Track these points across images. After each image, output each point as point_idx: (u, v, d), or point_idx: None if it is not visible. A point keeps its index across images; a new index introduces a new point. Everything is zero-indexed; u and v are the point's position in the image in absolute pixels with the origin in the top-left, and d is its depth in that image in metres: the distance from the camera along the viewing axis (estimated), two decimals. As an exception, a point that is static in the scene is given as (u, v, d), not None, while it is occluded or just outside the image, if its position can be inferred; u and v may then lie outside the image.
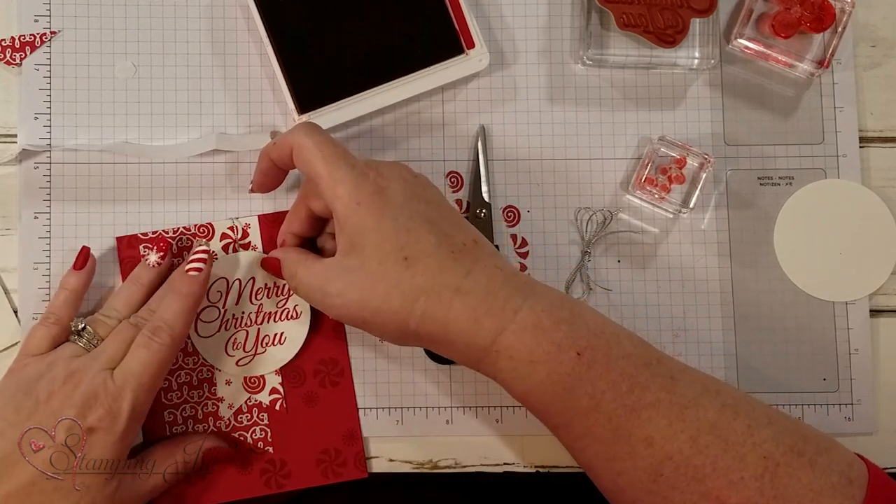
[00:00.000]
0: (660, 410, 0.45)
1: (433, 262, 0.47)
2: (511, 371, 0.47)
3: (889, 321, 0.59)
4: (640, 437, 0.45)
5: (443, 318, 0.47)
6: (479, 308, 0.47)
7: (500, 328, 0.46)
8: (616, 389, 0.46)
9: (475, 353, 0.47)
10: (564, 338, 0.46)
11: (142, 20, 0.59)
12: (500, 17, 0.60)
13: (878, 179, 0.60)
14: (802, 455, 0.45)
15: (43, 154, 0.58)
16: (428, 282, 0.47)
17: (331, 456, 0.56)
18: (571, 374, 0.46)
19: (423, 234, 0.48)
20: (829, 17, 0.58)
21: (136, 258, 0.57)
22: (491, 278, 0.48)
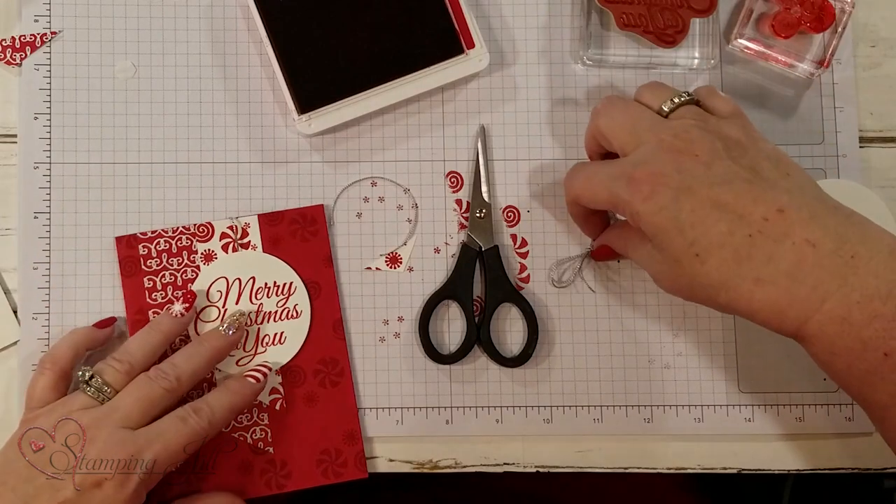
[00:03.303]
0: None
1: (727, 254, 0.45)
2: (814, 355, 0.46)
3: (889, 321, 0.59)
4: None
5: (746, 308, 0.46)
6: (782, 299, 0.45)
7: (805, 318, 0.44)
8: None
9: (783, 334, 0.46)
10: (874, 336, 0.43)
11: (142, 20, 0.59)
12: (500, 17, 0.60)
13: (878, 179, 0.60)
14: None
15: (42, 153, 0.58)
16: (723, 275, 0.45)
17: (331, 456, 0.56)
18: (874, 373, 0.44)
19: (711, 223, 0.45)
20: (829, 17, 0.58)
21: (136, 258, 0.57)
22: (798, 261, 0.44)
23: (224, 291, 0.57)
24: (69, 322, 0.57)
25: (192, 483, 0.55)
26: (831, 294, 0.44)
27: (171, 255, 0.57)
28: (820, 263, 0.44)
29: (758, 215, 0.45)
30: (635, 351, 0.58)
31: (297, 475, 0.56)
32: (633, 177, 0.47)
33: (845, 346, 0.44)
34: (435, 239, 0.59)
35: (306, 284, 0.57)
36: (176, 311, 0.55)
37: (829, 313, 0.44)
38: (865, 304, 0.43)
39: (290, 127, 0.59)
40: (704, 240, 0.46)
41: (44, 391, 0.52)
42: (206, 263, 0.57)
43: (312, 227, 0.58)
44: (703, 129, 0.48)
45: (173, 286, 0.57)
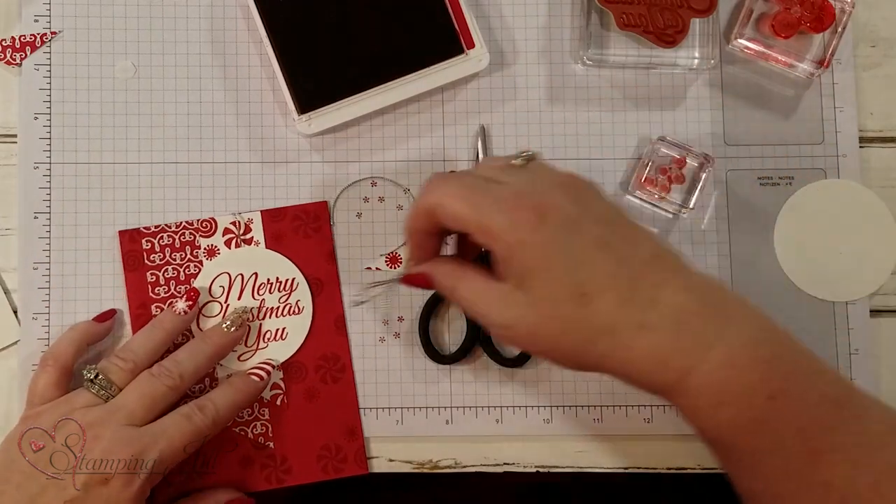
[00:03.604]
0: (844, 454, 0.42)
1: (612, 297, 0.42)
2: (693, 409, 0.43)
3: (889, 321, 0.59)
4: (817, 482, 0.42)
5: (624, 358, 0.42)
6: (666, 346, 0.42)
7: (689, 368, 0.42)
8: (803, 434, 0.42)
9: (657, 389, 0.43)
10: (759, 380, 0.42)
11: (142, 20, 0.59)
12: (500, 17, 0.60)
13: (878, 179, 0.60)
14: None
15: (42, 153, 0.58)
16: (607, 320, 0.42)
17: (331, 451, 0.56)
18: (759, 419, 0.42)
19: (599, 263, 0.42)
20: (829, 17, 0.58)
21: (139, 252, 0.57)
22: (679, 307, 0.42)
23: (226, 287, 0.57)
24: (69, 322, 0.57)
25: (193, 481, 0.55)
26: (714, 343, 0.42)
27: (175, 250, 0.57)
28: (700, 312, 0.42)
29: (638, 259, 0.43)
30: (635, 351, 0.58)
31: (297, 470, 0.56)
32: (520, 203, 0.43)
33: (733, 394, 0.42)
34: (435, 239, 0.59)
35: (308, 280, 0.57)
36: (179, 309, 0.55)
37: (715, 361, 0.41)
38: (747, 348, 0.42)
39: (290, 127, 0.59)
40: (591, 281, 0.42)
41: (46, 388, 0.52)
42: (208, 259, 0.57)
43: (315, 223, 0.58)
44: (563, 174, 0.46)
45: (176, 281, 0.57)
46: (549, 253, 0.42)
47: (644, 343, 0.42)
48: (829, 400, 0.43)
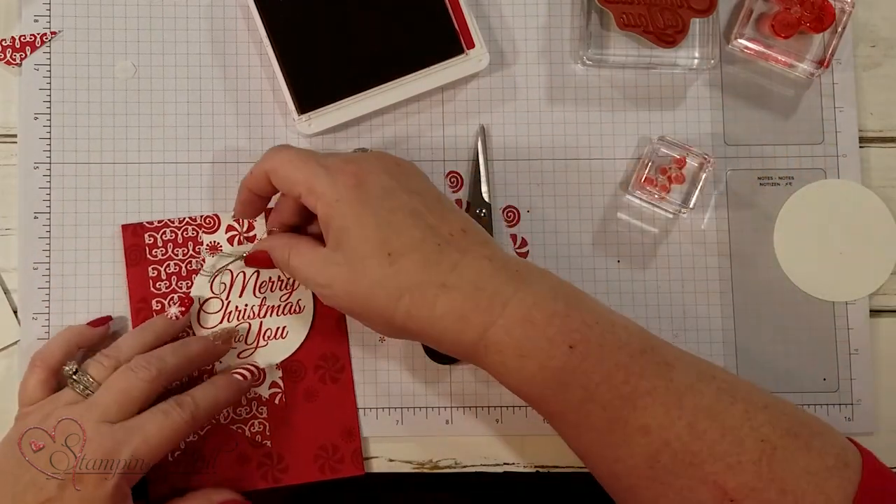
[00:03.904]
0: (656, 398, 0.45)
1: (418, 258, 0.46)
2: (501, 365, 0.46)
3: (889, 321, 0.59)
4: (636, 426, 0.45)
5: (428, 315, 0.46)
6: (466, 304, 0.45)
7: (488, 324, 0.45)
8: (611, 380, 0.45)
9: (463, 349, 0.47)
10: (557, 332, 0.45)
11: (142, 20, 0.59)
12: (500, 17, 0.60)
13: (878, 179, 0.60)
14: (798, 437, 0.45)
15: (42, 153, 0.58)
16: (412, 279, 0.46)
17: (328, 452, 0.56)
18: (564, 369, 0.45)
19: (407, 227, 0.47)
20: (829, 17, 0.58)
21: (141, 246, 0.57)
22: (479, 271, 0.46)
23: (228, 284, 0.57)
24: (69, 322, 0.57)
25: (191, 479, 0.55)
26: (509, 300, 0.45)
27: (177, 246, 0.57)
28: (497, 273, 0.46)
29: (445, 230, 0.48)
30: (635, 351, 0.58)
31: (293, 469, 0.56)
32: (342, 169, 0.48)
33: (534, 347, 0.45)
34: (435, 239, 0.59)
35: None
36: (172, 314, 0.55)
37: (511, 317, 0.45)
38: (541, 305, 0.46)
39: (290, 127, 0.59)
40: (398, 241, 0.46)
41: (34, 389, 0.52)
42: (211, 255, 0.57)
43: None
44: (388, 157, 0.51)
45: (177, 276, 0.57)
46: (362, 212, 0.46)
47: (445, 301, 0.45)
48: (631, 347, 0.46)
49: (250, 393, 0.57)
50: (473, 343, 0.46)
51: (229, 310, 0.57)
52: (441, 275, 0.46)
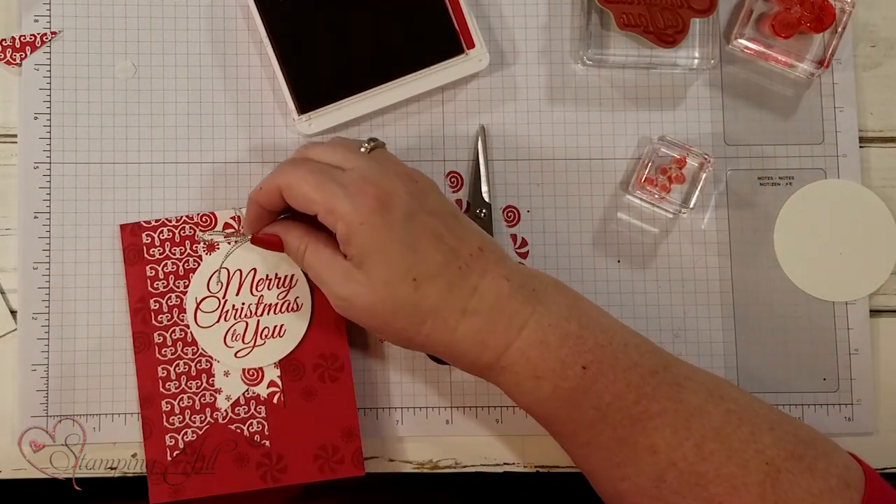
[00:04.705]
0: (665, 419, 0.45)
1: (441, 283, 0.46)
2: (515, 385, 0.47)
3: (889, 321, 0.59)
4: (644, 446, 0.45)
5: (448, 339, 0.46)
6: (485, 328, 0.46)
7: (505, 346, 0.46)
8: (622, 401, 0.46)
9: (478, 369, 0.47)
10: (570, 353, 0.46)
11: (142, 20, 0.59)
12: (500, 17, 0.60)
13: (878, 179, 0.60)
14: (802, 460, 0.45)
15: (42, 153, 0.58)
16: (435, 304, 0.46)
17: (328, 452, 0.56)
18: (577, 389, 0.46)
19: (431, 251, 0.46)
20: (829, 17, 0.58)
21: (139, 246, 0.57)
22: (498, 293, 0.47)
23: (225, 282, 0.57)
24: (69, 322, 0.57)
25: (192, 480, 0.55)
26: (526, 322, 0.46)
27: (174, 245, 0.57)
28: (514, 294, 0.47)
29: (465, 251, 0.47)
30: (635, 351, 0.58)
31: (293, 469, 0.56)
32: (364, 189, 0.46)
33: (548, 368, 0.46)
34: (435, 239, 0.59)
35: (308, 277, 0.57)
36: None
37: (527, 339, 0.46)
38: (556, 326, 0.46)
39: (290, 127, 0.59)
40: (422, 266, 0.46)
41: None
42: (208, 253, 0.57)
43: None
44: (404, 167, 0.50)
45: (175, 275, 0.57)
46: (387, 239, 0.46)
47: (466, 326, 0.46)
48: (643, 368, 0.46)
49: (249, 392, 0.57)
50: (489, 364, 0.47)
51: (226, 308, 0.57)
52: (462, 300, 0.46)
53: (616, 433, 0.46)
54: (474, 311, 0.46)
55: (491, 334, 0.46)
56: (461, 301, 0.46)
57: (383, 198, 0.46)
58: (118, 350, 0.57)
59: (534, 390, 0.46)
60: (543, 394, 0.46)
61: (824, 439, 0.48)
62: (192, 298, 0.56)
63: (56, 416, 0.56)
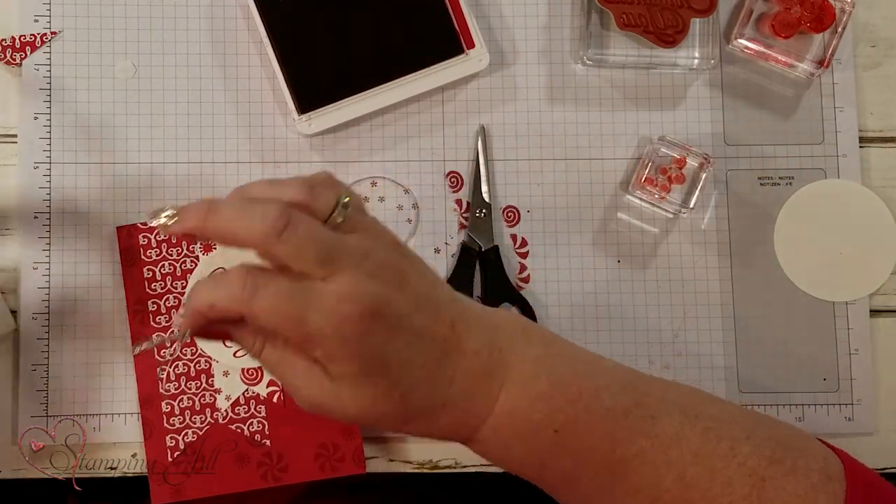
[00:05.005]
0: (644, 458, 0.44)
1: (425, 387, 0.43)
2: (487, 454, 0.46)
3: (889, 321, 0.59)
4: (624, 490, 0.45)
5: (429, 431, 0.45)
6: (462, 415, 0.44)
7: (479, 425, 0.44)
8: (597, 453, 0.44)
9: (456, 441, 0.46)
10: (541, 417, 0.44)
11: (142, 20, 0.59)
12: (500, 17, 0.60)
13: (878, 179, 0.60)
14: (783, 462, 0.45)
15: (42, 153, 0.58)
16: (420, 408, 0.43)
17: (329, 450, 0.56)
18: (550, 452, 0.45)
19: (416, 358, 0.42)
20: (829, 17, 0.58)
21: (136, 248, 0.57)
22: (472, 376, 0.44)
23: None
24: (69, 322, 0.57)
25: (192, 480, 0.55)
26: (497, 395, 0.44)
27: (171, 246, 0.57)
28: (485, 374, 0.44)
29: (440, 334, 0.43)
30: (635, 351, 0.58)
31: (293, 468, 0.56)
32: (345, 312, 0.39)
33: (519, 436, 0.44)
34: (435, 239, 0.59)
35: None
36: None
37: (499, 413, 0.44)
38: (525, 391, 0.44)
39: (290, 127, 0.59)
40: (409, 378, 0.42)
41: None
42: (204, 254, 0.57)
43: None
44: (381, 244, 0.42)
45: (172, 276, 0.57)
46: (373, 360, 0.41)
47: (445, 419, 0.44)
48: (616, 411, 0.45)
49: (248, 392, 0.57)
50: (466, 439, 0.46)
51: None
52: (442, 393, 0.44)
53: (594, 482, 0.45)
54: (453, 403, 0.44)
55: (468, 418, 0.44)
56: (441, 396, 0.43)
57: (366, 317, 0.40)
58: (118, 350, 0.57)
59: (506, 457, 0.46)
60: (516, 460, 0.46)
61: (798, 433, 0.48)
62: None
63: (56, 416, 0.56)
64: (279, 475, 0.56)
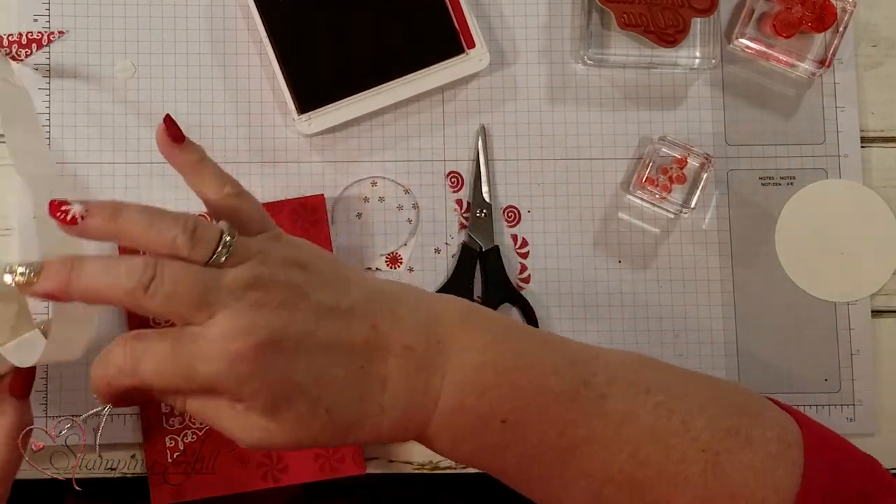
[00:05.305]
0: (594, 439, 0.44)
1: (352, 397, 0.41)
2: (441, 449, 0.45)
3: (890, 322, 0.59)
4: (576, 472, 0.44)
5: (375, 437, 0.43)
6: (405, 415, 0.43)
7: (425, 422, 0.43)
8: (547, 440, 0.44)
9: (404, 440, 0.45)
10: (488, 409, 0.43)
11: (142, 20, 0.59)
12: (501, 17, 0.60)
13: (880, 179, 0.60)
14: (738, 434, 0.44)
15: (43, 154, 0.58)
16: (353, 418, 0.41)
17: (328, 451, 0.56)
18: (500, 443, 0.44)
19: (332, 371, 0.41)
20: (831, 16, 0.58)
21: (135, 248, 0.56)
22: (406, 374, 0.42)
23: None
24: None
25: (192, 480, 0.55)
26: (440, 389, 0.42)
27: None
28: (422, 365, 0.42)
29: (360, 339, 0.41)
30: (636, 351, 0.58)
31: (293, 469, 0.56)
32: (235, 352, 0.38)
33: (468, 430, 0.43)
34: (435, 239, 0.59)
35: None
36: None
37: (444, 408, 0.42)
38: (472, 383, 0.43)
39: (290, 127, 0.59)
40: (330, 393, 0.40)
41: None
42: None
43: (313, 216, 0.57)
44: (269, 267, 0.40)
45: None
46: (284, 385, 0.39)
47: (388, 422, 0.42)
48: (565, 394, 0.44)
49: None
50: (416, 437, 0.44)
51: None
52: (376, 400, 0.42)
53: (547, 468, 0.44)
54: (391, 405, 0.42)
55: (412, 417, 0.43)
56: (375, 403, 0.42)
57: (261, 347, 0.38)
58: (118, 350, 0.57)
59: (456, 451, 0.45)
60: (467, 453, 0.44)
61: (752, 397, 0.47)
62: None
63: (56, 417, 0.56)
64: (279, 475, 0.56)
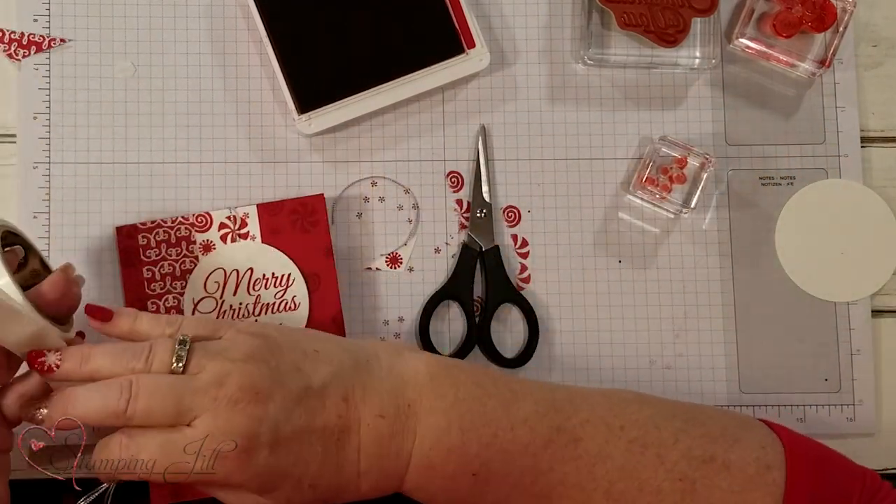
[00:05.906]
0: (568, 482, 0.45)
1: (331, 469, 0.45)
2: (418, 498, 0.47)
3: (891, 322, 0.59)
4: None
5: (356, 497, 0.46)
6: (380, 479, 0.46)
7: (399, 482, 0.46)
8: (520, 487, 0.45)
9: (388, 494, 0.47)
10: (456, 467, 0.45)
11: (142, 20, 0.59)
12: (501, 17, 0.60)
13: (880, 179, 0.60)
14: (714, 460, 0.45)
15: (42, 153, 0.58)
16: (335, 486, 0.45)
17: None
18: (472, 494, 0.46)
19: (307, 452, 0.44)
20: (831, 16, 0.58)
21: (135, 248, 0.57)
22: (379, 441, 0.45)
23: (222, 282, 0.56)
24: (69, 322, 0.57)
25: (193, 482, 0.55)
26: (410, 453, 0.45)
27: (170, 246, 0.57)
28: (394, 431, 0.45)
29: (333, 416, 0.45)
30: (636, 352, 0.58)
31: None
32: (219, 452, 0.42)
33: (441, 486, 0.46)
34: (435, 239, 0.59)
35: (305, 276, 0.57)
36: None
37: (414, 470, 0.45)
38: (437, 444, 0.45)
39: (290, 127, 0.59)
40: (309, 472, 0.44)
41: None
42: (204, 254, 0.57)
43: (312, 217, 0.57)
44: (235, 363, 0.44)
45: (171, 276, 0.57)
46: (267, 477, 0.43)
47: (366, 486, 0.45)
48: (535, 443, 0.45)
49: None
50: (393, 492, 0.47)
51: (223, 308, 0.56)
52: (353, 468, 0.45)
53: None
54: (367, 471, 0.45)
55: (388, 478, 0.46)
56: (352, 470, 0.45)
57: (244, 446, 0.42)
58: (118, 350, 0.57)
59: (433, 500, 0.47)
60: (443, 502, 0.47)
61: (733, 421, 0.47)
62: (189, 300, 0.56)
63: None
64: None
